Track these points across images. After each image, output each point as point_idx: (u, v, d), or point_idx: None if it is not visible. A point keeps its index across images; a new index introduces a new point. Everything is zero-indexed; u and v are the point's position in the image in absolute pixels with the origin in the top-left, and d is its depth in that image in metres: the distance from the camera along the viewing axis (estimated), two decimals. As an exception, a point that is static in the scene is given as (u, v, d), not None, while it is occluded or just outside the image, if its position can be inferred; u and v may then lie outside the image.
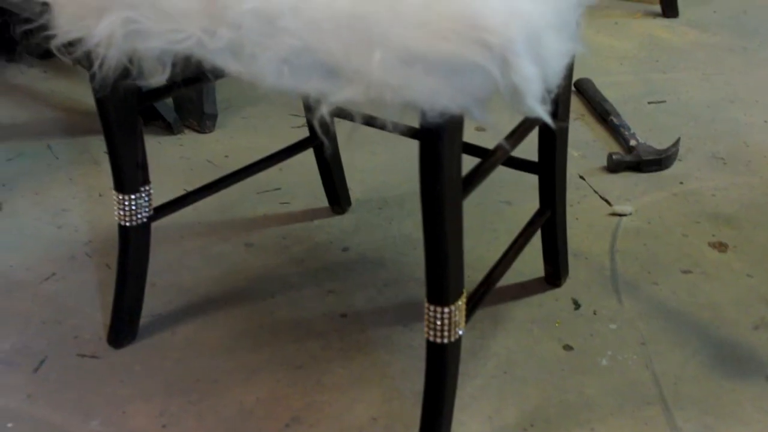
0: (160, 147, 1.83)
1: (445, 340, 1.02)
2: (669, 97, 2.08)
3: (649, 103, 2.05)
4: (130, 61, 0.99)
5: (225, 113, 1.93)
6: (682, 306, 1.38)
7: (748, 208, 1.64)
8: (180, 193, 1.66)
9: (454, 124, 0.90)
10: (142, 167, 1.21)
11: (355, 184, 1.68)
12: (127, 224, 1.22)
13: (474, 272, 1.42)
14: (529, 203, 1.41)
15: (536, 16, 0.87)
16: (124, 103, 1.12)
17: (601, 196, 1.68)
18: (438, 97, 0.85)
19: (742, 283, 1.43)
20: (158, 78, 0.98)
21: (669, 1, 2.55)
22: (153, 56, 0.96)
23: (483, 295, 1.14)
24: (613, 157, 1.75)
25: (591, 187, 1.71)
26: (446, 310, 1.00)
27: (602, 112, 1.95)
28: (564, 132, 1.27)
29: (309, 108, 1.33)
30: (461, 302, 1.02)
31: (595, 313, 1.36)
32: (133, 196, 1.21)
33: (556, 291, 1.41)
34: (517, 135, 1.13)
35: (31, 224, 1.57)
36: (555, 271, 1.41)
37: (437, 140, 0.90)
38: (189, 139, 1.87)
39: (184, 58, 0.96)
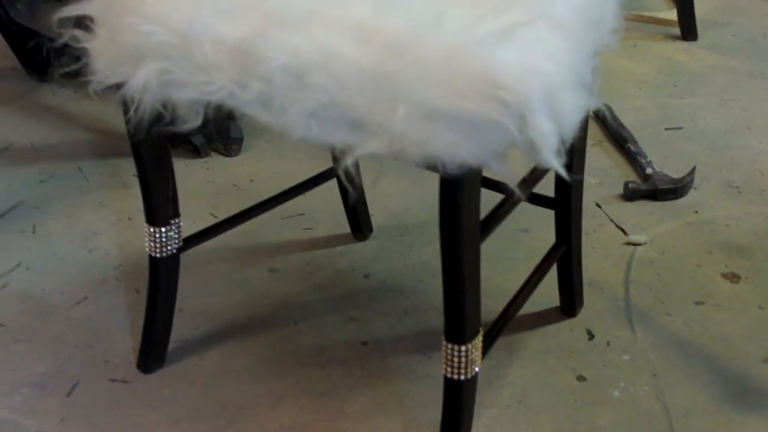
0: (188, 170, 1.88)
1: (462, 377, 1.06)
2: (686, 124, 2.11)
3: (666, 129, 2.09)
4: (164, 107, 1.04)
5: (250, 136, 1.98)
6: (694, 337, 1.42)
7: (761, 238, 1.68)
8: (207, 217, 1.71)
9: (473, 175, 0.95)
10: (173, 200, 1.26)
11: (377, 210, 1.72)
12: (158, 255, 1.27)
13: (491, 301, 1.47)
14: (546, 231, 1.45)
15: (553, 75, 0.91)
16: (157, 143, 1.17)
17: (617, 225, 1.72)
18: (458, 150, 0.90)
19: (753, 315, 1.47)
20: (191, 124, 1.02)
21: (688, 25, 2.58)
22: (186, 104, 1.01)
23: (499, 331, 1.19)
24: (630, 185, 1.79)
25: (607, 215, 1.75)
26: (463, 348, 1.05)
27: (620, 139, 1.99)
28: (581, 156, 1.31)
29: (335, 158, 1.38)
30: (478, 340, 1.07)
31: (608, 344, 1.40)
32: (163, 229, 1.26)
33: (571, 321, 1.45)
34: (531, 180, 1.17)
35: (64, 248, 1.62)
36: (570, 302, 1.45)
37: (457, 190, 0.95)
38: (215, 162, 1.92)
39: (217, 105, 1.01)
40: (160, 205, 1.24)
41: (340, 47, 0.91)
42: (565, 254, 1.38)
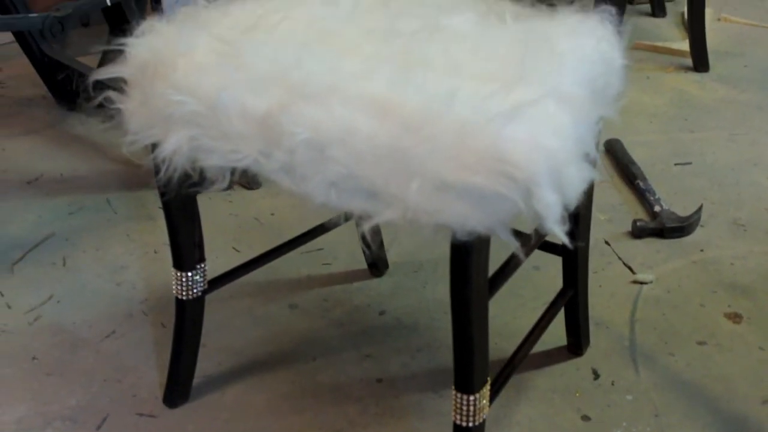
0: (211, 203, 1.95)
1: (471, 424, 1.13)
2: (695, 159, 2.17)
3: (675, 164, 2.14)
4: (193, 168, 1.11)
5: (272, 169, 2.05)
6: (696, 378, 1.48)
7: (764, 278, 1.73)
8: (230, 251, 1.78)
9: (481, 241, 1.01)
10: (199, 246, 1.33)
11: (392, 245, 1.79)
12: (184, 298, 1.35)
13: (501, 340, 1.53)
14: (557, 269, 1.51)
15: (558, 150, 0.97)
16: (185, 197, 1.24)
17: (624, 263, 1.78)
18: (467, 220, 0.97)
19: (753, 356, 1.53)
20: (218, 186, 1.09)
21: (700, 56, 2.63)
22: (214, 169, 1.08)
23: (508, 376, 1.25)
24: (638, 224, 1.85)
25: (616, 253, 1.81)
26: (472, 398, 1.11)
27: (630, 175, 2.05)
28: (586, 222, 1.37)
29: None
30: (486, 389, 1.13)
31: (613, 384, 1.46)
32: (189, 273, 1.33)
33: (578, 360, 1.51)
34: (534, 242, 1.23)
35: (93, 280, 1.70)
36: (577, 342, 1.51)
37: (466, 255, 1.01)
38: (237, 195, 1.99)
39: (243, 169, 1.07)
40: (187, 251, 1.31)
41: (358, 123, 0.98)
42: (572, 298, 1.44)
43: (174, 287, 1.34)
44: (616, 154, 2.13)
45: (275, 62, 1.04)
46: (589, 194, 1.31)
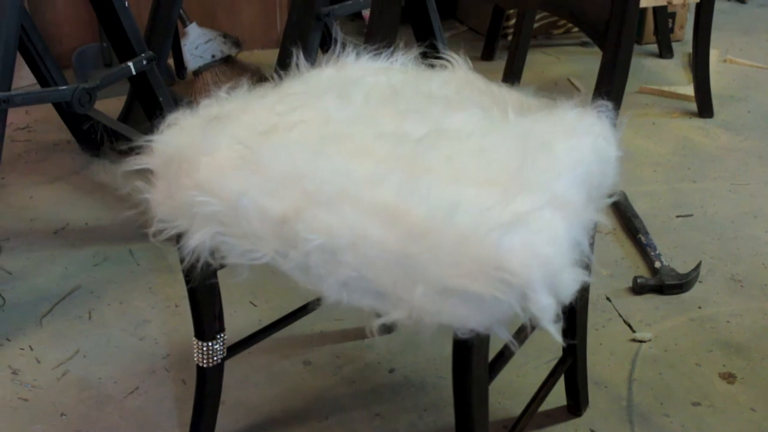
0: (229, 255, 2.04)
1: (472, 496, 1.21)
2: (696, 210, 2.24)
3: (677, 216, 2.22)
4: (214, 257, 1.20)
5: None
6: (689, 440, 1.56)
7: (759, 337, 1.81)
8: (246, 305, 1.87)
9: (481, 338, 1.09)
10: (219, 318, 1.42)
11: (403, 302, 1.87)
12: (204, 366, 1.43)
13: (503, 398, 1.61)
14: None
15: (553, 258, 1.05)
16: (207, 277, 1.32)
17: (624, 320, 1.85)
18: (468, 321, 1.05)
19: (745, 417, 1.60)
20: (240, 276, 1.18)
21: (704, 102, 2.71)
22: (235, 262, 1.16)
23: (507, 448, 1.33)
24: (638, 280, 1.93)
25: (616, 309, 1.89)
26: (473, 472, 1.19)
27: (632, 229, 2.13)
28: (584, 304, 1.45)
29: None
30: (486, 463, 1.21)
31: (610, 446, 1.54)
32: (210, 343, 1.42)
33: (577, 420, 1.59)
34: (530, 329, 1.31)
35: (117, 335, 1.79)
36: (576, 403, 1.59)
37: (467, 351, 1.10)
38: (255, 247, 2.08)
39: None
40: (207, 323, 1.40)
41: (368, 229, 1.06)
42: (571, 365, 1.52)
43: (195, 355, 1.43)
44: (619, 207, 2.21)
45: (292, 166, 1.13)
46: (584, 290, 1.38)
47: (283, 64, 1.52)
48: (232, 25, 3.00)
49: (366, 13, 3.24)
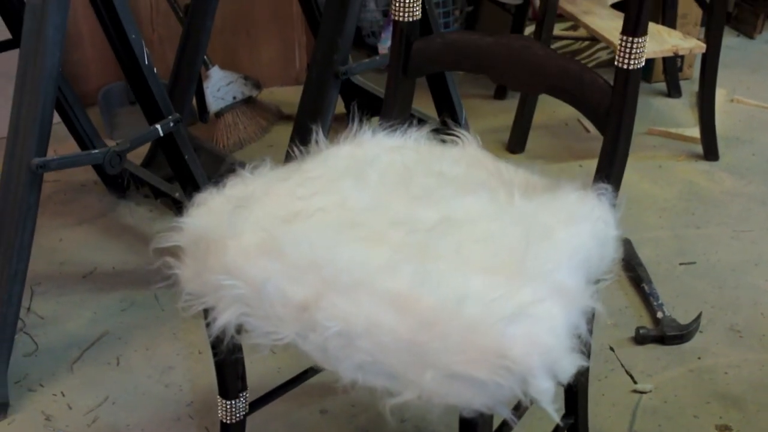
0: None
1: None
2: (699, 258, 2.33)
3: (680, 264, 2.30)
4: (239, 333, 1.30)
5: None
6: (685, 494, 1.64)
7: (755, 389, 1.89)
8: (267, 353, 1.96)
9: (485, 417, 1.19)
10: (242, 378, 1.52)
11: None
12: (228, 422, 1.53)
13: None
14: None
15: (552, 346, 1.15)
16: (233, 353, 1.42)
17: (626, 371, 1.94)
18: (472, 402, 1.15)
19: (739, 471, 1.69)
20: (261, 351, 1.28)
21: (709, 145, 2.78)
22: (257, 340, 1.26)
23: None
24: (641, 331, 2.02)
25: (619, 360, 1.97)
26: None
27: (636, 278, 2.22)
28: (584, 386, 1.54)
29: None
30: None
31: (609, 499, 1.63)
32: (233, 401, 1.52)
33: (578, 474, 1.68)
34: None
35: (143, 382, 1.89)
36: (578, 457, 1.68)
37: (472, 427, 1.19)
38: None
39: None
40: (231, 384, 1.50)
41: (382, 317, 1.16)
42: (572, 425, 1.61)
43: (219, 412, 1.53)
44: (625, 255, 2.29)
45: (311, 254, 1.22)
46: (583, 371, 1.45)
47: (302, 137, 1.62)
48: (252, 63, 3.10)
49: (381, 48, 3.34)
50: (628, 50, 1.34)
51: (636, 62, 1.35)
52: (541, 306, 1.16)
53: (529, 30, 3.13)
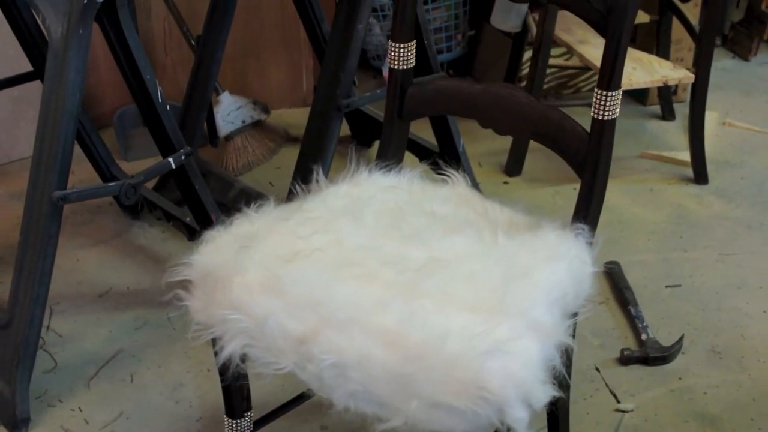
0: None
1: None
2: (685, 281, 2.44)
3: (666, 287, 2.42)
4: (243, 361, 1.42)
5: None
6: None
7: (732, 409, 2.00)
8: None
9: (467, 442, 1.31)
10: (247, 399, 1.64)
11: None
12: (234, 439, 1.66)
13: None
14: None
15: (527, 379, 1.27)
16: (239, 380, 1.54)
17: (610, 390, 2.06)
18: (454, 429, 1.27)
19: (713, 488, 1.81)
20: (264, 378, 1.40)
21: (699, 169, 2.89)
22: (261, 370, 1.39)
23: None
24: (625, 352, 2.13)
25: (603, 380, 2.09)
26: None
27: (623, 300, 2.33)
28: (565, 408, 1.65)
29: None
30: None
31: None
32: (238, 420, 1.64)
33: (561, 489, 1.79)
34: None
35: (156, 398, 2.02)
36: (560, 476, 1.80)
37: (454, 451, 1.31)
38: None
39: (284, 369, 1.38)
40: (237, 404, 1.63)
41: (372, 351, 1.28)
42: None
43: (226, 431, 1.65)
44: (613, 278, 2.41)
45: (310, 292, 1.35)
46: (563, 400, 1.56)
47: (303, 176, 1.74)
48: (261, 86, 3.22)
49: (385, 71, 3.46)
50: (602, 103, 1.46)
51: (610, 114, 1.46)
52: (517, 342, 1.28)
53: (528, 54, 3.24)
